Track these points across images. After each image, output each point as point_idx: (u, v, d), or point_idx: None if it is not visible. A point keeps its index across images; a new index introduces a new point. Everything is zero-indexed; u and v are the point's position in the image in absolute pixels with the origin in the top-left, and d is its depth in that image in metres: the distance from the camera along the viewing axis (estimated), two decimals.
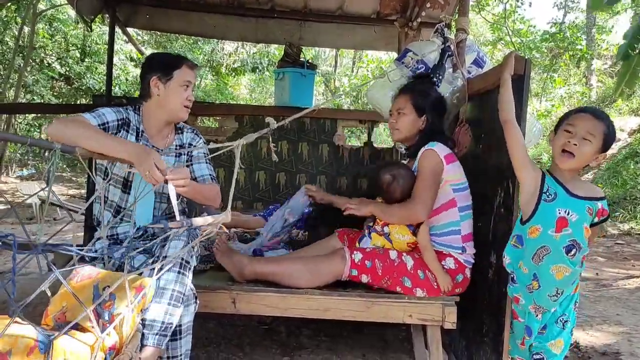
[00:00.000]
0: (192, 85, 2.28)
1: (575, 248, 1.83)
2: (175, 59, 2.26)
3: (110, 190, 2.24)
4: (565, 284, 1.88)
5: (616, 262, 6.16)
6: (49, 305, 1.61)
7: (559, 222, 1.83)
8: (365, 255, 2.28)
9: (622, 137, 12.00)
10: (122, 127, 2.20)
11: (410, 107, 2.47)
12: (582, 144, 1.80)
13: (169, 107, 2.23)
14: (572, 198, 1.84)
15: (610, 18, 17.76)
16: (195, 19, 4.69)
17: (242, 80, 18.09)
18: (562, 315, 1.94)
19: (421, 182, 2.28)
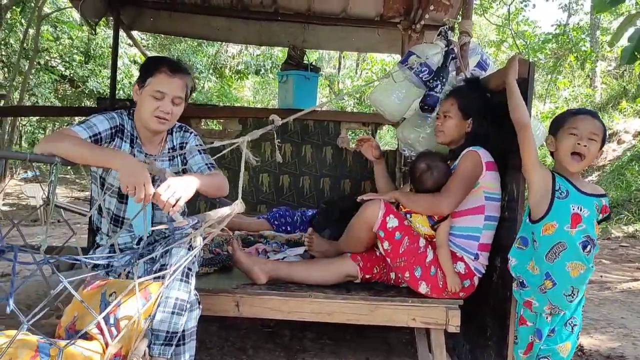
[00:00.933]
0: (170, 97, 2.08)
1: (590, 244, 1.87)
2: (152, 66, 2.11)
3: (107, 199, 2.19)
4: (580, 282, 1.89)
5: (621, 265, 6.13)
6: (63, 316, 1.62)
7: (574, 217, 1.87)
8: (399, 226, 2.26)
9: (626, 139, 11.95)
10: (117, 135, 2.13)
11: (456, 111, 2.45)
12: (590, 144, 1.88)
13: (141, 116, 2.12)
14: (582, 195, 1.90)
15: (615, 20, 17.72)
16: (199, 22, 4.70)
17: (246, 82, 18.11)
18: (571, 319, 1.94)
19: (456, 178, 2.28)
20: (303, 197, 4.65)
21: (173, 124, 2.23)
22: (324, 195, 4.61)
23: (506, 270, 2.10)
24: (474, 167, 2.27)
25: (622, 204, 9.17)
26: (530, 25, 16.31)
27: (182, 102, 2.15)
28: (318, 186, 4.64)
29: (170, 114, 2.11)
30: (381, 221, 2.25)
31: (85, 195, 12.88)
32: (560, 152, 1.93)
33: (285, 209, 3.67)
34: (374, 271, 2.46)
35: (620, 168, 10.42)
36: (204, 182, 2.01)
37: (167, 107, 2.09)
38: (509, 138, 2.20)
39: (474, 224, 2.31)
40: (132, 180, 1.74)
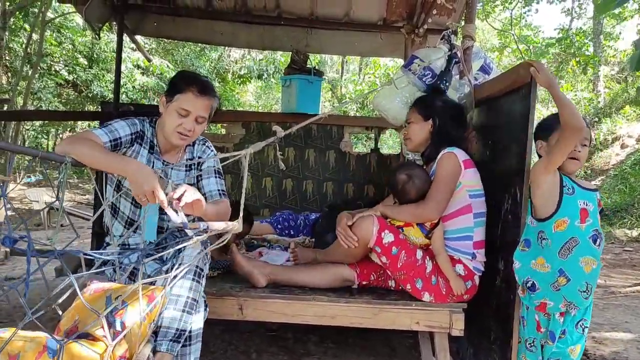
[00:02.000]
0: (194, 115, 2.13)
1: (599, 238, 1.92)
2: (184, 83, 2.15)
3: (122, 202, 2.24)
4: (593, 278, 1.91)
5: (624, 269, 6.12)
6: (61, 319, 1.62)
7: (582, 212, 1.93)
8: (395, 240, 2.25)
9: (629, 143, 11.94)
10: (136, 141, 2.18)
11: (416, 115, 2.54)
12: (583, 149, 2.00)
13: (164, 129, 2.18)
14: (585, 190, 1.98)
15: (618, 24, 17.73)
16: (202, 27, 4.72)
17: (248, 87, 18.15)
18: (581, 320, 1.96)
19: (437, 183, 2.30)
20: (306, 201, 4.65)
21: (193, 140, 2.28)
22: (327, 199, 4.62)
23: (509, 274, 2.10)
24: (453, 168, 2.31)
25: (626, 208, 9.15)
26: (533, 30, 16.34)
27: (205, 121, 2.21)
28: (321, 190, 4.64)
29: (192, 132, 2.16)
30: (376, 237, 2.24)
31: (87, 199, 12.90)
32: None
33: (288, 213, 3.67)
34: (370, 278, 2.47)
35: (624, 172, 10.40)
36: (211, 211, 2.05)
37: (189, 125, 2.14)
38: (511, 143, 2.21)
39: (464, 224, 2.33)
40: (141, 190, 1.79)
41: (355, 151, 4.72)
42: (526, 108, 2.10)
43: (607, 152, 12.15)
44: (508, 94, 2.32)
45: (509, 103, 2.32)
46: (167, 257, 2.02)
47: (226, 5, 4.47)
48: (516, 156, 2.18)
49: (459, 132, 2.55)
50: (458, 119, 2.56)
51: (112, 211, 2.25)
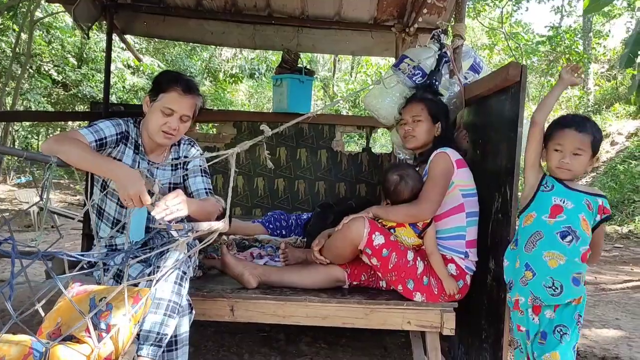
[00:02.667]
0: (178, 114, 2.15)
1: (571, 235, 1.86)
2: (167, 82, 2.16)
3: (107, 203, 2.23)
4: (560, 275, 1.85)
5: (614, 266, 6.16)
6: (43, 322, 1.60)
7: (554, 208, 1.90)
8: (386, 242, 2.24)
9: (619, 140, 12.03)
10: (121, 141, 2.19)
11: (426, 115, 2.51)
12: (574, 159, 1.92)
13: (149, 128, 2.18)
14: (570, 190, 1.92)
15: (607, 22, 17.84)
16: (193, 26, 4.69)
17: (240, 86, 18.10)
18: (560, 325, 1.88)
19: (430, 182, 2.30)
20: (298, 201, 4.65)
21: (178, 139, 2.29)
22: (319, 198, 4.61)
23: (500, 272, 2.10)
24: (446, 167, 2.31)
25: (616, 205, 9.22)
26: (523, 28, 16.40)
27: (189, 120, 2.22)
28: (313, 190, 4.64)
29: (177, 130, 2.18)
30: (367, 239, 2.23)
31: (78, 200, 12.83)
32: (549, 164, 1.98)
33: (280, 213, 3.66)
34: (361, 278, 2.47)
35: (614, 169, 10.47)
36: (196, 207, 2.06)
37: (174, 124, 2.16)
38: (501, 142, 2.22)
39: (457, 224, 2.34)
40: (127, 193, 1.80)
41: (347, 150, 4.72)
42: (516, 107, 2.11)
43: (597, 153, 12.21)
44: (498, 93, 2.33)
45: (499, 102, 2.33)
46: (151, 259, 2.01)
47: (216, 4, 4.44)
48: (506, 155, 2.19)
49: (453, 136, 2.58)
50: (450, 122, 2.59)
51: (97, 213, 2.25)
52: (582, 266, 1.87)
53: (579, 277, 1.87)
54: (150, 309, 1.77)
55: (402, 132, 2.58)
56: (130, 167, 2.13)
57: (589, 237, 1.88)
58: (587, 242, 1.87)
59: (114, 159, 2.16)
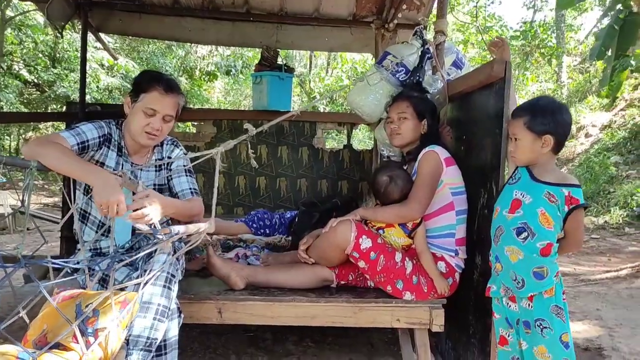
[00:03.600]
0: (161, 114, 2.12)
1: (527, 232, 1.85)
2: (148, 82, 2.14)
3: (93, 206, 2.19)
4: (521, 269, 1.86)
5: (592, 256, 6.28)
6: (28, 330, 1.56)
7: (514, 203, 1.91)
8: (373, 245, 2.23)
9: (593, 132, 12.24)
10: (104, 144, 2.15)
11: (412, 112, 2.50)
12: (514, 145, 1.93)
13: (131, 130, 2.15)
14: (532, 182, 1.90)
15: (579, 15, 18.14)
16: (170, 23, 4.61)
17: (216, 83, 17.94)
18: (539, 319, 1.87)
19: (419, 182, 2.30)
20: (280, 199, 4.63)
21: (162, 139, 2.26)
22: (302, 196, 4.60)
23: (487, 268, 2.11)
24: (435, 166, 2.31)
25: (592, 196, 9.39)
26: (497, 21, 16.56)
27: (172, 119, 2.19)
28: (295, 187, 4.62)
29: (160, 131, 2.15)
30: (354, 243, 2.21)
31: (54, 201, 12.59)
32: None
33: (263, 212, 3.63)
34: (349, 278, 2.46)
35: (589, 161, 10.66)
36: (178, 208, 2.09)
37: (157, 124, 2.12)
38: (485, 138, 2.23)
39: (447, 222, 2.34)
40: (104, 200, 1.76)
41: (328, 147, 4.71)
42: (500, 103, 2.11)
43: (572, 141, 12.43)
44: (482, 89, 2.34)
45: (483, 98, 2.34)
46: (138, 263, 1.97)
47: (193, 1, 4.38)
48: (491, 151, 2.20)
49: (439, 133, 2.59)
50: (437, 119, 2.59)
51: (81, 216, 2.20)
52: (543, 260, 1.85)
53: (541, 271, 1.85)
54: (139, 313, 1.74)
55: (389, 130, 2.57)
56: (113, 169, 2.10)
57: (550, 231, 1.85)
58: (548, 236, 1.84)
59: (97, 162, 2.12)
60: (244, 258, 2.85)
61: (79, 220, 2.19)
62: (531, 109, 1.92)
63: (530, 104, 1.97)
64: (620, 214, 8.36)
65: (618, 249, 6.71)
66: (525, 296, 1.89)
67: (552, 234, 1.86)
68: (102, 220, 2.19)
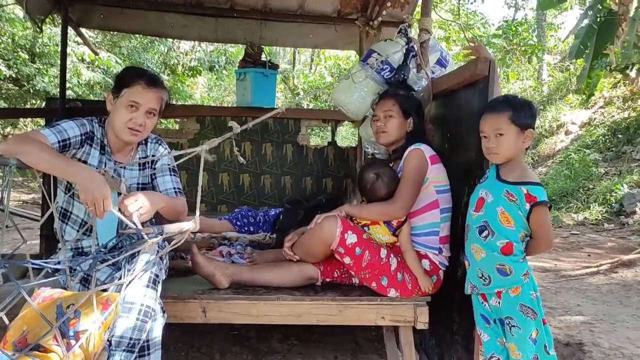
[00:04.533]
0: (144, 108, 2.09)
1: (487, 230, 1.89)
2: (130, 77, 2.11)
3: (75, 205, 2.15)
4: (485, 266, 1.90)
5: (572, 252, 6.36)
6: (8, 331, 1.53)
7: (478, 201, 1.96)
8: (359, 241, 2.23)
9: (573, 130, 12.39)
10: (86, 142, 2.11)
11: (398, 110, 2.49)
12: (497, 141, 1.90)
13: (114, 126, 2.12)
14: (496, 181, 1.93)
15: (559, 14, 18.35)
16: (152, 19, 4.56)
17: (199, 79, 17.81)
18: (508, 317, 1.89)
19: (405, 179, 2.30)
20: (264, 196, 4.61)
21: (145, 136, 2.22)
22: (286, 193, 4.59)
23: None
24: (420, 164, 2.31)
25: (572, 192, 9.51)
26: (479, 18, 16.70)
27: (156, 115, 2.16)
28: (279, 184, 4.61)
29: (143, 126, 2.11)
30: (339, 239, 2.21)
31: (33, 198, 12.39)
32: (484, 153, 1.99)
33: (247, 209, 3.61)
34: (334, 275, 2.46)
35: (569, 158, 10.79)
36: (167, 203, 2.08)
37: (140, 119, 2.09)
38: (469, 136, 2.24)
39: (431, 220, 2.35)
40: (91, 197, 1.73)
41: (313, 144, 4.70)
42: (485, 101, 2.11)
43: (552, 139, 12.57)
44: (466, 87, 2.35)
45: (467, 96, 2.35)
46: (121, 263, 1.95)
47: None
48: (475, 149, 2.20)
49: (425, 131, 2.60)
50: (423, 116, 2.59)
51: (62, 215, 2.16)
52: (504, 259, 1.87)
53: (504, 269, 1.87)
54: (122, 313, 1.71)
55: (375, 128, 2.56)
56: (96, 168, 2.06)
57: (510, 230, 1.86)
58: (507, 235, 1.86)
59: (79, 161, 2.08)
60: (228, 256, 2.83)
61: (59, 220, 2.15)
62: (511, 104, 1.92)
63: (506, 99, 1.97)
64: (599, 210, 8.48)
65: (597, 244, 6.81)
66: (492, 292, 1.92)
67: (512, 232, 1.87)
68: (84, 219, 2.15)
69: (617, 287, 4.54)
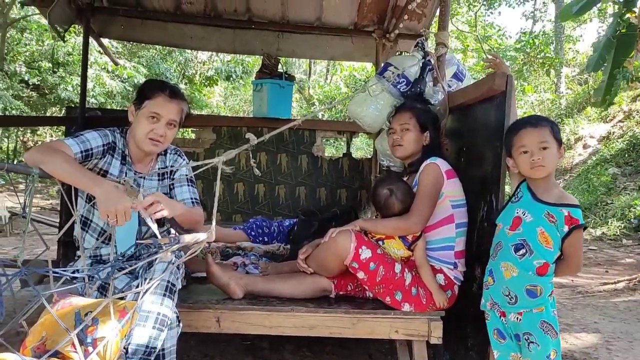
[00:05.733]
0: (165, 119, 2.14)
1: (525, 248, 1.86)
2: (152, 89, 2.17)
3: (95, 214, 2.18)
4: (514, 285, 1.87)
5: (590, 268, 6.27)
6: (27, 336, 1.55)
7: (515, 220, 1.92)
8: (373, 256, 2.23)
9: (591, 144, 12.28)
10: (108, 152, 2.16)
11: (415, 123, 2.50)
12: (544, 154, 1.88)
13: (136, 137, 2.17)
14: (534, 201, 1.90)
15: (578, 27, 18.25)
16: (171, 30, 4.64)
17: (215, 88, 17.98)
18: (527, 333, 1.87)
19: (420, 194, 2.29)
20: (279, 206, 4.63)
21: (166, 147, 2.26)
22: (300, 204, 4.60)
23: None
24: (436, 179, 2.30)
25: (589, 207, 9.40)
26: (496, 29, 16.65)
27: (176, 126, 2.21)
28: (294, 195, 4.63)
29: (164, 137, 2.16)
30: (354, 254, 2.21)
31: (51, 204, 12.55)
32: (522, 170, 1.95)
33: (262, 219, 3.63)
34: (348, 288, 2.46)
35: (587, 172, 10.68)
36: (184, 212, 2.10)
37: (161, 130, 2.14)
38: (486, 150, 2.24)
39: (447, 235, 2.33)
40: (112, 209, 1.75)
41: (328, 155, 4.72)
42: (501, 116, 2.12)
43: (570, 152, 12.46)
44: (482, 101, 2.35)
45: (484, 110, 2.34)
46: (138, 271, 1.97)
47: (196, 8, 4.41)
48: (492, 164, 2.20)
49: (441, 145, 2.59)
50: (439, 130, 2.59)
51: (82, 223, 2.20)
52: (537, 279, 1.85)
53: (534, 290, 1.86)
54: (139, 322, 1.73)
55: (391, 141, 2.57)
56: (116, 177, 2.10)
57: (548, 251, 1.85)
58: (545, 256, 1.84)
59: (101, 170, 2.13)
60: (242, 266, 2.85)
61: (80, 227, 2.19)
62: (547, 120, 1.97)
63: (537, 116, 2.01)
64: (617, 225, 8.37)
65: (615, 260, 6.72)
66: (516, 311, 1.90)
67: (550, 253, 1.86)
68: (103, 228, 2.19)
69: (636, 304, 4.47)
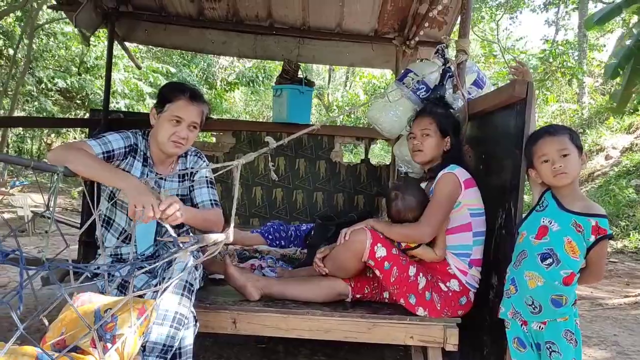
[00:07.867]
0: (186, 122, 2.17)
1: (552, 258, 1.84)
2: (173, 92, 2.20)
3: (117, 214, 2.23)
4: (539, 295, 1.86)
5: (611, 281, 6.17)
6: (47, 332, 1.59)
7: (541, 229, 1.90)
8: (388, 255, 2.23)
9: (614, 155, 12.09)
10: (130, 154, 2.20)
11: (435, 129, 2.46)
12: (565, 161, 1.87)
13: (158, 140, 2.20)
14: (561, 210, 1.88)
15: (602, 36, 18.03)
16: (194, 35, 4.70)
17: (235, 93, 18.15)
18: (549, 342, 1.86)
19: (434, 204, 2.27)
20: (296, 211, 4.65)
21: (187, 148, 2.30)
22: (317, 209, 4.62)
23: (502, 288, 2.10)
24: (452, 189, 2.27)
25: (611, 219, 9.25)
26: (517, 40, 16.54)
27: (197, 128, 2.24)
28: (311, 200, 4.64)
29: (186, 139, 2.20)
30: (369, 250, 2.22)
31: (72, 205, 12.75)
32: (545, 179, 1.94)
33: (279, 224, 3.65)
34: (364, 291, 2.46)
35: (608, 184, 10.52)
36: (199, 217, 2.14)
37: (183, 133, 2.17)
38: (505, 158, 2.23)
39: (463, 242, 2.31)
40: (143, 200, 1.79)
41: (346, 161, 4.73)
42: (521, 124, 2.11)
43: (591, 163, 12.29)
44: (502, 109, 2.34)
45: (504, 118, 2.33)
46: (157, 270, 2.00)
47: (218, 14, 4.46)
48: (511, 171, 2.19)
49: (462, 151, 2.56)
50: (460, 136, 2.57)
51: (104, 222, 2.24)
52: (563, 289, 1.84)
53: (560, 299, 1.84)
54: (157, 320, 1.76)
55: (411, 146, 2.55)
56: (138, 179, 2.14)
57: (575, 260, 1.83)
58: (572, 266, 1.83)
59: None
60: (259, 269, 2.87)
61: (102, 227, 2.23)
62: (566, 127, 1.97)
63: (555, 125, 2.03)
64: (639, 238, 8.22)
65: (636, 273, 6.60)
66: (539, 321, 1.89)
67: (576, 263, 1.84)
68: (124, 228, 2.23)
69: None
